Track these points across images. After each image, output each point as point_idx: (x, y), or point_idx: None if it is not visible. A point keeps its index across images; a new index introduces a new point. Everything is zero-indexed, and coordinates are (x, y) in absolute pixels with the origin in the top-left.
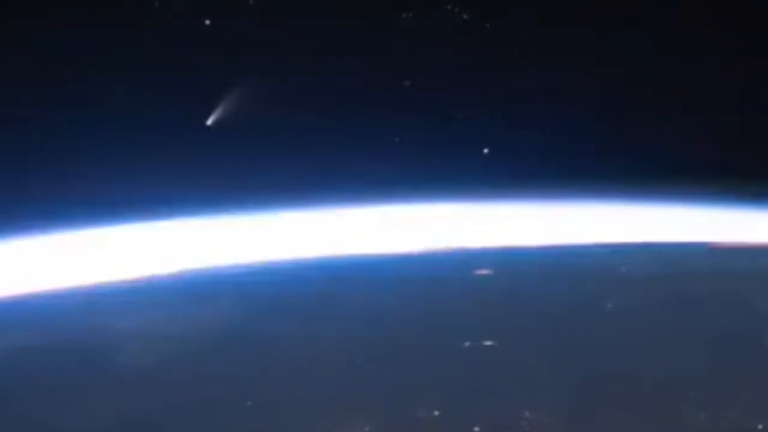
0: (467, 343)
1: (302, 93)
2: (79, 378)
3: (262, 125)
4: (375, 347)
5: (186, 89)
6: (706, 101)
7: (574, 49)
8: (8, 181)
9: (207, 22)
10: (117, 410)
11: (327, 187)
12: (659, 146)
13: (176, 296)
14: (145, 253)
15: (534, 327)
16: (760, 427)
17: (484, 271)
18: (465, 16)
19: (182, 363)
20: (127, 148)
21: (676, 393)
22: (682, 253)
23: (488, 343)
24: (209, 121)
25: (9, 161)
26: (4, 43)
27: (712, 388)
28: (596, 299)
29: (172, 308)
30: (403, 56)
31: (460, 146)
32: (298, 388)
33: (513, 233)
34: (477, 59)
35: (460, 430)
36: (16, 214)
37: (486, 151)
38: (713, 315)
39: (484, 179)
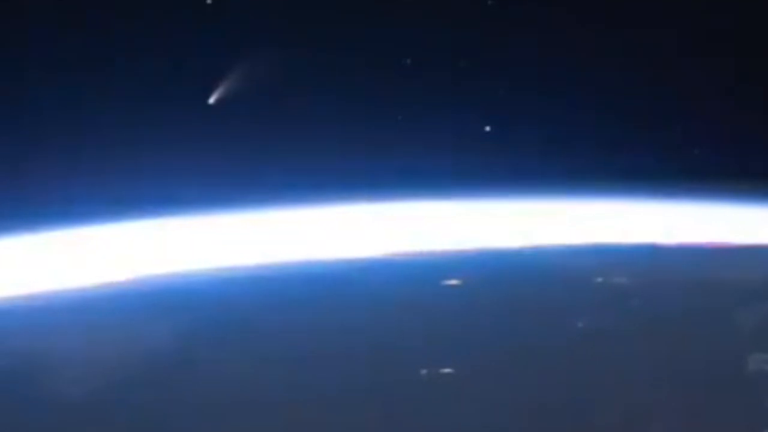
0: (424, 371)
1: (298, 74)
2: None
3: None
4: (318, 374)
5: (184, 74)
6: (706, 98)
7: (579, 33)
8: None
9: (208, 1)
10: None
11: (314, 181)
12: (656, 143)
13: (128, 307)
14: (113, 256)
15: (498, 351)
16: None
17: (453, 281)
18: None
19: (116, 391)
20: (113, 138)
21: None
22: (674, 255)
23: (446, 370)
24: (211, 100)
25: None
26: None
27: (692, 422)
28: (571, 315)
29: (125, 321)
30: (403, 34)
31: (460, 130)
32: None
33: (494, 233)
34: (479, 38)
35: None
36: None
37: (488, 129)
38: (699, 334)
39: (481, 168)
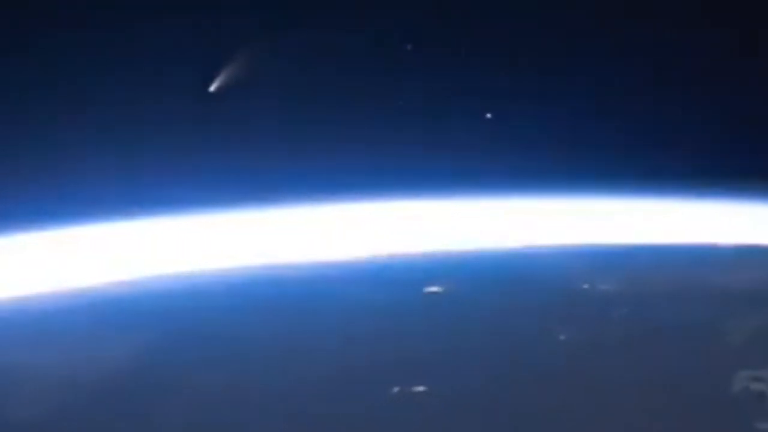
0: (396, 389)
1: (297, 58)
2: None
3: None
4: (275, 392)
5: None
6: (705, 96)
7: (584, 24)
8: None
9: None
10: None
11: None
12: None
13: (122, 308)
14: (106, 257)
15: (475, 367)
16: None
17: (434, 288)
18: None
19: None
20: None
21: None
22: (666, 257)
23: (420, 388)
24: (212, 88)
25: None
26: None
27: None
28: (554, 327)
29: (118, 322)
30: (404, 20)
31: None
32: None
33: (475, 234)
34: (480, 25)
35: None
36: None
37: (489, 116)
38: (689, 347)
39: (463, 167)
